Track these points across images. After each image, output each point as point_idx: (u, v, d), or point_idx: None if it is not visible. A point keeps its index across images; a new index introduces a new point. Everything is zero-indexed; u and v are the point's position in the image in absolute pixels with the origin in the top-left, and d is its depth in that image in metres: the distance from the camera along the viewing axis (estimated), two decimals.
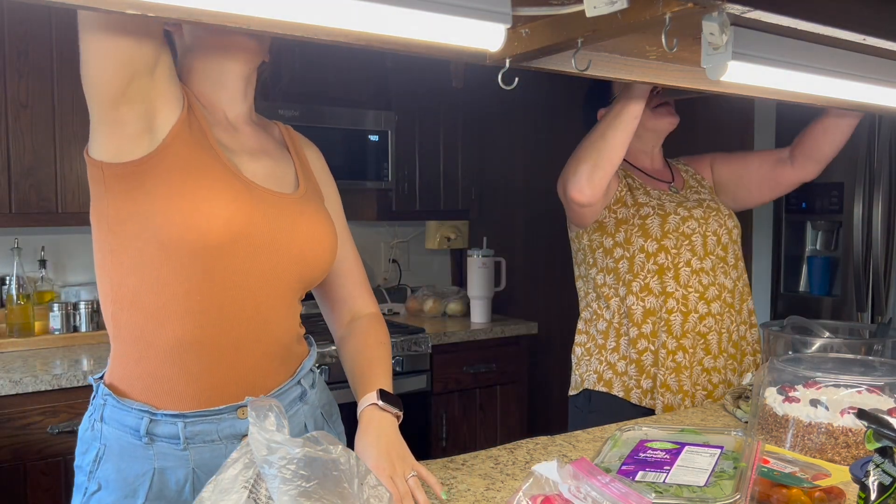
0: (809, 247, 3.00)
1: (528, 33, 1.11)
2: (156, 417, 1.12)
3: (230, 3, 0.83)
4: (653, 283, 1.82)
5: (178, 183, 1.05)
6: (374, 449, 1.15)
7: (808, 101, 1.47)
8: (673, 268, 1.81)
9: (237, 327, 1.13)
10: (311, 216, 1.22)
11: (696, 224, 1.84)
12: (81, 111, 2.46)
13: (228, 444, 1.14)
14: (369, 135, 2.97)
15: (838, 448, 1.29)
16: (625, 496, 0.84)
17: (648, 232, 1.83)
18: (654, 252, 1.82)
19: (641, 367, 1.82)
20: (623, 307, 1.85)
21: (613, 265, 1.86)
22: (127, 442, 1.13)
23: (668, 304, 1.81)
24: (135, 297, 1.11)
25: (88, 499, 1.15)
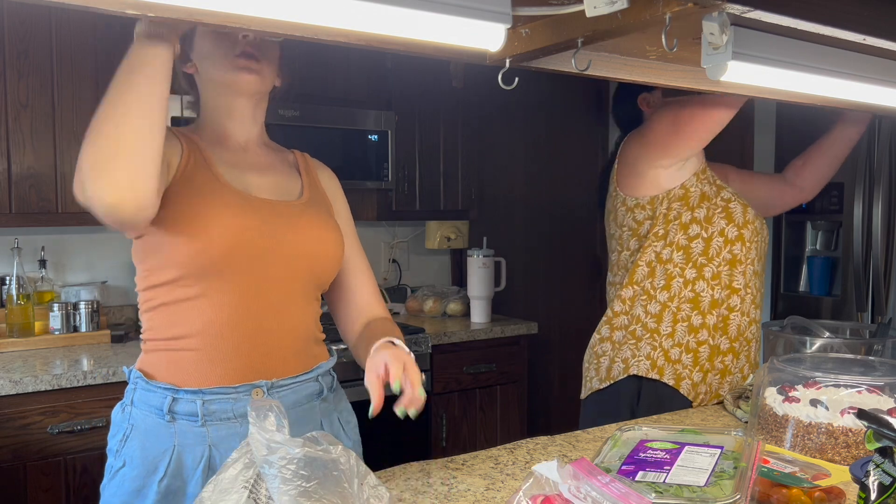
0: (809, 247, 3.00)
1: (528, 33, 1.11)
2: (177, 395, 1.23)
3: (230, 4, 0.83)
4: (724, 272, 1.69)
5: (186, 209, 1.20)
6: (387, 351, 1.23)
7: (808, 101, 1.48)
8: (745, 262, 1.69)
9: (255, 318, 1.25)
10: (314, 218, 1.32)
11: (761, 224, 1.75)
12: (81, 111, 2.48)
13: (243, 423, 1.22)
14: (369, 135, 2.96)
15: (838, 448, 1.29)
16: (625, 496, 0.84)
17: (732, 216, 1.70)
18: (733, 240, 1.69)
19: (697, 359, 1.70)
20: (687, 291, 1.71)
21: (686, 242, 1.72)
22: (152, 422, 1.25)
23: (732, 300, 1.70)
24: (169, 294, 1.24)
25: (114, 475, 1.26)
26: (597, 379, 1.85)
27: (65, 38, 2.45)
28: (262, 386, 1.25)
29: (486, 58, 1.15)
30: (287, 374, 1.29)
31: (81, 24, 2.47)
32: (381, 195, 3.15)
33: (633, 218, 1.82)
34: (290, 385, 1.29)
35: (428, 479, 1.26)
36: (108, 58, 2.52)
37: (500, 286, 3.29)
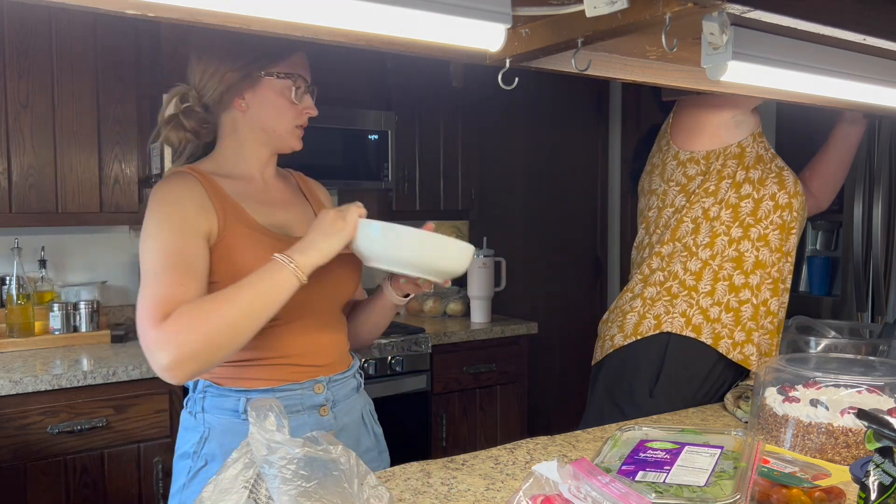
0: (809, 247, 3.00)
1: (528, 33, 1.11)
2: (251, 396, 1.34)
3: (230, 4, 0.83)
4: (773, 236, 1.66)
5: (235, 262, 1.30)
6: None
7: (808, 101, 1.48)
8: (790, 230, 1.67)
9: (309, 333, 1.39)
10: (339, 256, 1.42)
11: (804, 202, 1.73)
12: (81, 111, 2.48)
13: (309, 414, 1.37)
14: (369, 135, 2.96)
15: (838, 448, 1.29)
16: (625, 496, 0.84)
17: (784, 183, 1.67)
18: (784, 205, 1.66)
19: (738, 318, 1.67)
20: (731, 250, 1.67)
21: (736, 201, 1.68)
22: (228, 422, 1.35)
23: (783, 264, 1.68)
24: None
25: (195, 475, 1.35)
26: (620, 336, 1.76)
27: (65, 38, 2.45)
28: (322, 381, 1.39)
29: (486, 58, 1.15)
30: (337, 371, 1.43)
31: (81, 24, 2.47)
32: (381, 195, 3.15)
33: (685, 173, 1.76)
34: (340, 380, 1.43)
35: (428, 479, 1.26)
36: (108, 58, 2.52)
37: (500, 286, 3.29)
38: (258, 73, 1.35)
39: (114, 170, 2.56)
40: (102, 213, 2.55)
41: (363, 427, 1.49)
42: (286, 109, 1.38)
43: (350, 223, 1.24)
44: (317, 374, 1.39)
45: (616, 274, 4.22)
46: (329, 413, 1.40)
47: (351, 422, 1.44)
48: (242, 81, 1.35)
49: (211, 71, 1.35)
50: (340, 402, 1.43)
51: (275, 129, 1.39)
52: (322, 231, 1.23)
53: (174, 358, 1.15)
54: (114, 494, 2.24)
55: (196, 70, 1.37)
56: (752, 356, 1.69)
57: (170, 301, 1.18)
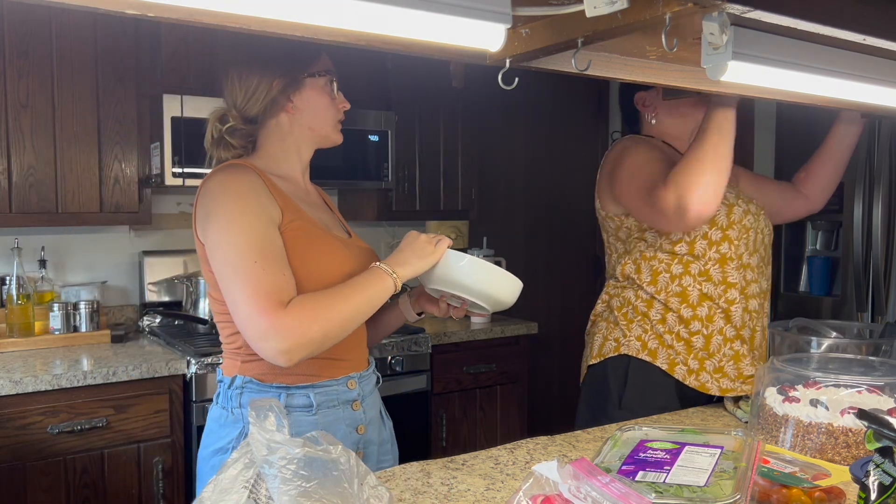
0: (809, 247, 3.00)
1: (528, 33, 1.11)
2: (290, 391, 1.40)
3: (230, 4, 0.83)
4: (713, 270, 1.73)
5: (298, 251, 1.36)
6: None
7: (808, 101, 1.47)
8: (736, 258, 1.73)
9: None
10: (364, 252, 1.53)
11: (753, 219, 1.77)
12: (81, 111, 2.48)
13: (343, 409, 1.43)
14: (369, 135, 2.96)
15: (838, 448, 1.29)
16: (625, 496, 0.84)
17: (715, 219, 1.72)
18: (718, 241, 1.73)
19: (690, 348, 1.73)
20: (674, 286, 1.74)
21: (670, 247, 1.75)
22: None
23: (730, 293, 1.72)
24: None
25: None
26: (590, 355, 1.89)
27: (65, 38, 2.45)
28: (354, 378, 1.46)
29: (486, 58, 1.15)
30: (364, 368, 1.51)
31: (81, 24, 2.47)
32: (381, 195, 3.15)
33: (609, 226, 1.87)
34: (367, 376, 1.51)
35: (428, 479, 1.26)
36: (108, 58, 2.52)
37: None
38: (302, 75, 1.43)
39: (114, 170, 2.56)
40: (102, 213, 2.55)
41: (382, 420, 1.56)
42: (329, 105, 1.47)
43: (440, 251, 1.40)
44: (350, 371, 1.46)
45: None
46: (360, 407, 1.47)
47: (375, 416, 1.52)
48: (289, 87, 1.42)
49: (255, 84, 1.41)
50: (367, 397, 1.50)
51: (322, 126, 1.47)
52: (416, 252, 1.39)
53: (293, 344, 1.23)
54: (114, 494, 2.24)
55: (237, 88, 1.42)
56: (707, 383, 1.72)
57: (281, 290, 1.26)
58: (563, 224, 4.10)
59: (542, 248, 4.04)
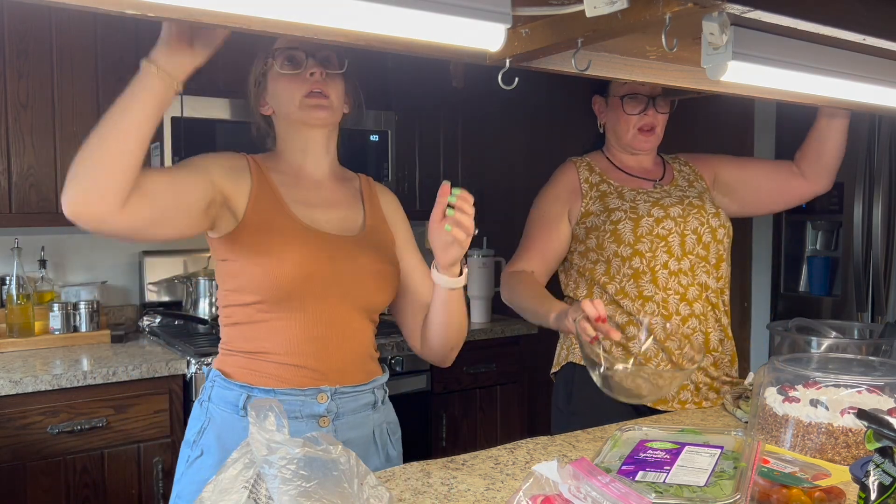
0: (809, 247, 3.00)
1: (528, 33, 1.11)
2: (252, 393, 1.35)
3: (230, 4, 0.83)
4: (629, 287, 1.79)
5: (257, 243, 1.33)
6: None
7: (808, 101, 1.48)
8: (649, 271, 1.77)
9: (321, 338, 1.38)
10: (372, 252, 1.44)
11: (673, 224, 1.79)
12: (81, 111, 2.48)
13: (308, 423, 1.35)
14: (369, 135, 2.96)
15: (838, 448, 1.29)
16: (625, 496, 0.84)
17: (621, 237, 1.79)
18: (629, 256, 1.78)
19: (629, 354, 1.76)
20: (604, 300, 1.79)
21: (591, 267, 1.85)
22: (228, 416, 1.37)
23: (648, 307, 1.78)
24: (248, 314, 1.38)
25: (192, 464, 1.37)
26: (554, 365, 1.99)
27: (65, 38, 2.45)
28: (326, 391, 1.37)
29: (486, 58, 1.15)
30: (349, 382, 1.41)
31: (81, 24, 2.47)
32: None
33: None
34: (349, 393, 1.41)
35: (428, 479, 1.26)
36: (108, 58, 2.52)
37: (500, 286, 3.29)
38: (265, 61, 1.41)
39: None
40: None
41: (372, 445, 1.45)
42: (288, 84, 1.38)
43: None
44: (321, 383, 1.37)
45: None
46: (329, 425, 1.37)
47: (357, 438, 1.41)
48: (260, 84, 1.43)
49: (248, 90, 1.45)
50: (346, 416, 1.40)
51: (288, 108, 1.40)
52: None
53: (69, 193, 1.14)
54: (114, 494, 2.24)
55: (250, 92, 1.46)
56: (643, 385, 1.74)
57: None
58: None
59: None
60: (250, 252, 1.33)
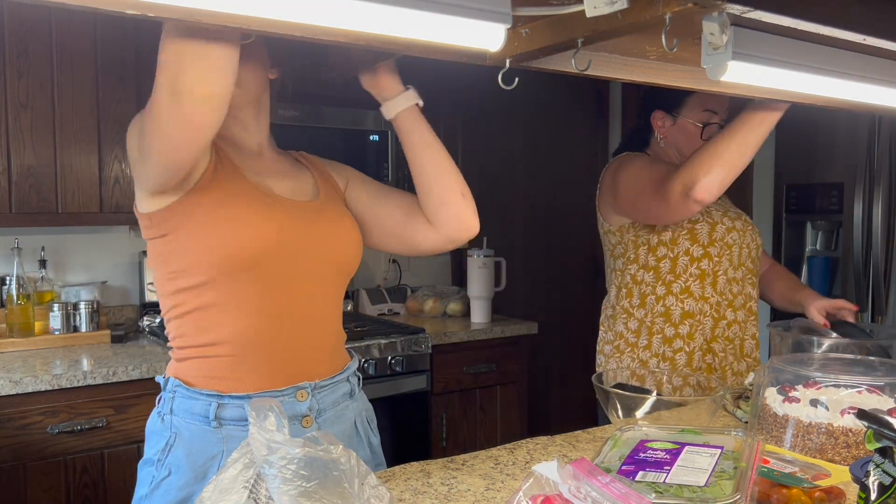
0: (809, 247, 3.00)
1: (528, 33, 1.11)
2: (223, 401, 1.24)
3: (230, 4, 0.83)
4: (694, 286, 1.87)
5: (218, 210, 1.22)
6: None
7: (808, 101, 1.47)
8: (712, 274, 1.87)
9: (289, 320, 1.27)
10: (333, 216, 1.36)
11: (738, 235, 1.89)
12: (81, 111, 2.48)
13: (290, 425, 1.25)
14: (369, 135, 2.96)
15: (838, 448, 1.29)
16: (625, 496, 0.84)
17: (696, 237, 1.87)
18: (699, 257, 1.87)
19: (674, 366, 1.88)
20: (659, 306, 1.89)
21: (655, 263, 1.89)
22: (197, 428, 1.25)
23: (704, 308, 1.87)
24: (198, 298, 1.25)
25: (158, 485, 1.25)
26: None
27: (65, 38, 2.45)
28: (306, 388, 1.29)
29: (486, 58, 1.15)
30: (326, 374, 1.32)
31: (81, 24, 2.47)
32: None
33: (610, 241, 2.00)
34: (328, 385, 1.33)
35: (428, 479, 1.26)
36: (108, 58, 2.52)
37: (500, 286, 3.29)
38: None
39: (114, 170, 2.56)
40: (102, 213, 2.55)
41: (356, 437, 1.40)
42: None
43: None
44: (299, 380, 1.28)
45: None
46: (313, 424, 1.29)
47: (340, 432, 1.34)
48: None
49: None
50: (328, 411, 1.32)
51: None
52: None
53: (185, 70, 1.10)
54: (114, 494, 2.24)
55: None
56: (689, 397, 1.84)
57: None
58: (563, 224, 4.10)
59: (542, 248, 4.04)
60: (205, 221, 1.21)
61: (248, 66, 1.25)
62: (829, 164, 2.91)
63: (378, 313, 3.33)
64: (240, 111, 1.33)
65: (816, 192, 2.90)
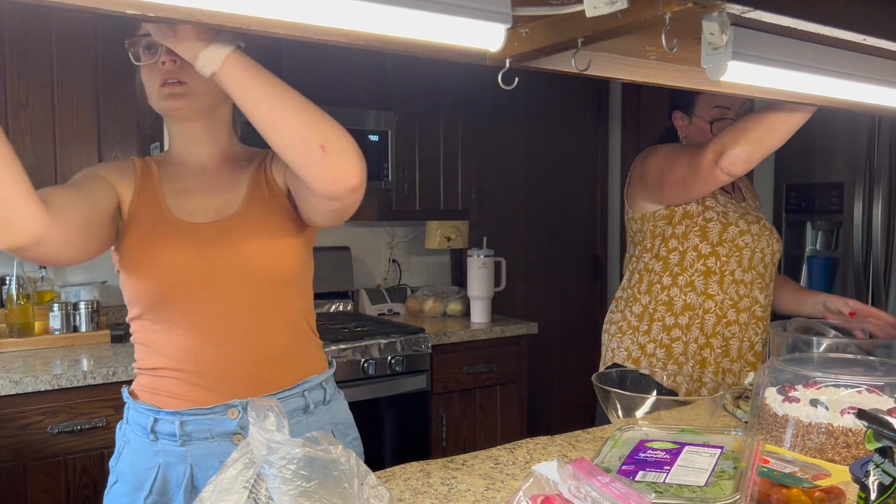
0: (809, 247, 3.00)
1: (528, 33, 1.11)
2: (158, 416, 1.27)
3: (230, 4, 0.83)
4: (698, 281, 1.92)
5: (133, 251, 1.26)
6: None
7: (808, 101, 1.47)
8: (719, 273, 1.91)
9: (219, 345, 1.27)
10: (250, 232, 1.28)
11: (751, 239, 1.92)
12: (81, 111, 2.48)
13: (221, 442, 1.27)
14: (369, 135, 2.96)
15: (838, 448, 1.29)
16: (625, 496, 0.84)
17: (707, 235, 1.91)
18: (707, 255, 1.92)
19: (670, 353, 1.93)
20: (663, 295, 1.95)
21: (666, 254, 1.95)
22: (140, 440, 1.30)
23: (706, 304, 1.92)
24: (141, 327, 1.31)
25: (110, 490, 1.33)
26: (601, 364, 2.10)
27: (65, 38, 2.45)
28: (236, 406, 1.27)
29: (486, 58, 1.15)
30: (264, 392, 1.28)
31: (81, 24, 2.47)
32: (381, 195, 3.15)
33: (631, 228, 2.08)
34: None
35: (428, 479, 1.26)
36: (108, 58, 2.52)
37: (500, 286, 3.29)
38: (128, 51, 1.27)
39: None
40: None
41: None
42: (148, 73, 1.26)
43: None
44: (230, 398, 1.26)
45: (616, 274, 4.22)
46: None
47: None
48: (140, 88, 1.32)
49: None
50: None
51: (151, 100, 1.28)
52: None
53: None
54: None
55: None
56: (682, 384, 1.93)
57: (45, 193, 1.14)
58: (563, 224, 4.10)
59: (542, 248, 4.04)
60: (128, 259, 1.26)
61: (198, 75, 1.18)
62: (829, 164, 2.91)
63: (378, 313, 3.33)
64: (188, 124, 1.31)
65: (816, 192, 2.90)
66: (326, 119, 1.19)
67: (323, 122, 1.18)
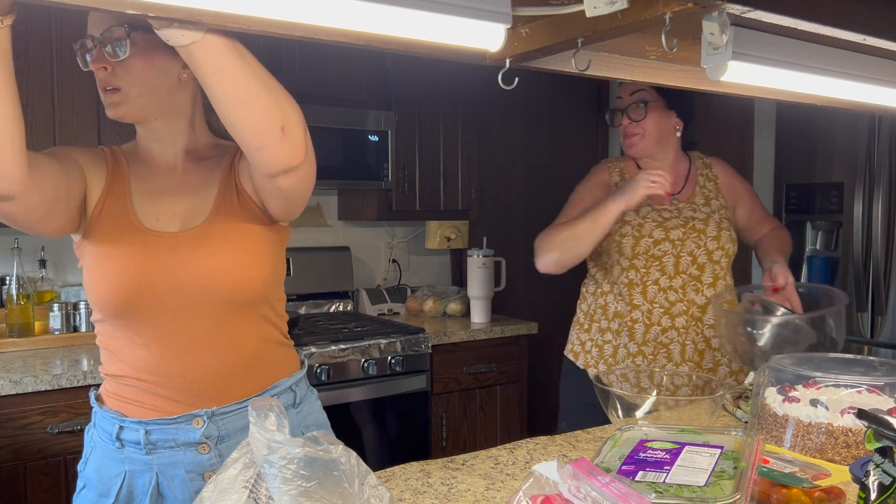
0: (809, 247, 3.00)
1: (528, 33, 1.11)
2: (124, 424, 1.25)
3: (230, 4, 0.83)
4: (623, 291, 2.02)
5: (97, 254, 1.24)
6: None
7: (808, 101, 1.47)
8: (641, 284, 2.00)
9: (179, 356, 1.25)
10: (214, 244, 1.24)
11: (670, 246, 1.98)
12: (81, 111, 2.48)
13: (186, 451, 1.25)
14: (369, 135, 2.96)
15: (838, 448, 1.29)
16: (625, 496, 0.84)
17: (622, 251, 2.02)
18: (627, 268, 2.01)
19: (602, 354, 2.06)
20: (601, 300, 2.09)
21: (603, 262, 2.09)
22: (106, 446, 1.28)
23: (634, 314, 2.00)
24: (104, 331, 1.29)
25: (77, 495, 1.31)
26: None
27: (65, 38, 2.45)
28: (201, 416, 1.25)
29: (486, 58, 1.15)
30: (228, 401, 1.26)
31: (81, 24, 2.46)
32: (381, 195, 3.15)
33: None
34: (233, 411, 1.27)
35: (428, 479, 1.26)
36: None
37: (500, 286, 3.29)
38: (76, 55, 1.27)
39: None
40: None
41: None
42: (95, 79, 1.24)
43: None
44: (195, 408, 1.24)
45: None
46: (211, 450, 1.25)
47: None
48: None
49: None
50: (233, 436, 1.25)
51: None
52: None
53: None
54: None
55: None
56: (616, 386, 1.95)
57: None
58: None
59: None
60: (93, 261, 1.23)
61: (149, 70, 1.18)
62: (829, 164, 2.91)
63: (378, 313, 3.33)
64: (151, 121, 1.27)
65: (816, 192, 2.90)
66: (288, 97, 1.12)
67: (286, 100, 1.11)
